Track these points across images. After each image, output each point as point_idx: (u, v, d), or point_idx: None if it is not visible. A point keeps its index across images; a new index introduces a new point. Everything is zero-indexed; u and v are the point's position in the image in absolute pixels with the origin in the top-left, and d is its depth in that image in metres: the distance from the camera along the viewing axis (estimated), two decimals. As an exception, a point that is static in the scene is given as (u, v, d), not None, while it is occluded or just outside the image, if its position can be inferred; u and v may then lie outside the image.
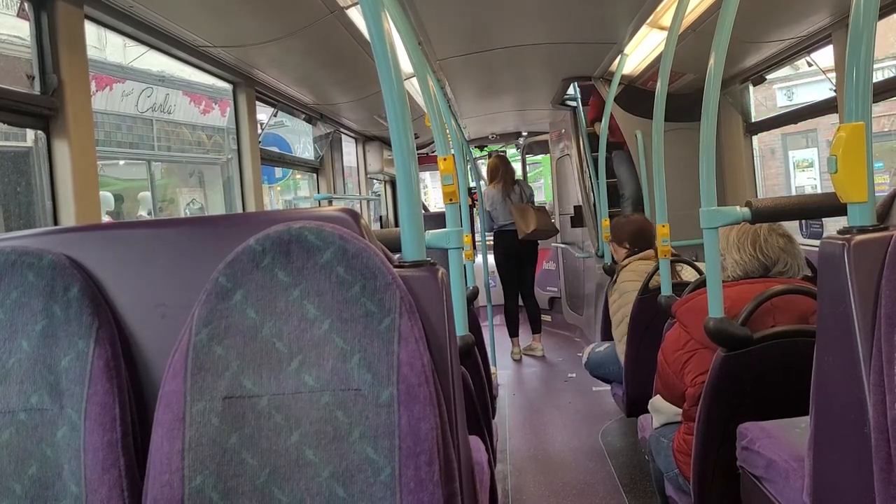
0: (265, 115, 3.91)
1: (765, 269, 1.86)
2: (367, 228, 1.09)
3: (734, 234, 1.90)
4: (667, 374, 1.95)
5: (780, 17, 2.91)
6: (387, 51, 1.10)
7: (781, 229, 1.90)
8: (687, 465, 1.86)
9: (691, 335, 1.86)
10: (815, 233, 3.54)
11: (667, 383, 1.96)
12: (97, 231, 1.19)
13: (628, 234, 3.36)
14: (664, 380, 1.98)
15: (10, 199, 5.62)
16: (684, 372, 1.87)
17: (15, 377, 1.04)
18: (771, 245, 1.85)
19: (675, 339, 1.94)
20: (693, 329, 1.83)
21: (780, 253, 1.85)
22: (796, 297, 1.71)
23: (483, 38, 3.47)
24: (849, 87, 1.06)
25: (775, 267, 1.85)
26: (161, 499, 0.96)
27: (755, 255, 1.85)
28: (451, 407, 1.00)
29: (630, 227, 3.37)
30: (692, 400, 1.85)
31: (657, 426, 2.18)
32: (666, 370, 1.95)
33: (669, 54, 2.25)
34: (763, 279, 1.84)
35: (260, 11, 2.46)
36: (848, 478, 1.06)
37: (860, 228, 1.05)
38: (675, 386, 1.92)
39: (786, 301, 1.72)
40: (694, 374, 1.83)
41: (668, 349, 1.95)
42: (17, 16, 5.88)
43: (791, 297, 1.71)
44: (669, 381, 1.94)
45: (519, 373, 5.20)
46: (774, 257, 1.85)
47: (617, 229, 3.44)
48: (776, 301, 1.71)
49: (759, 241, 1.85)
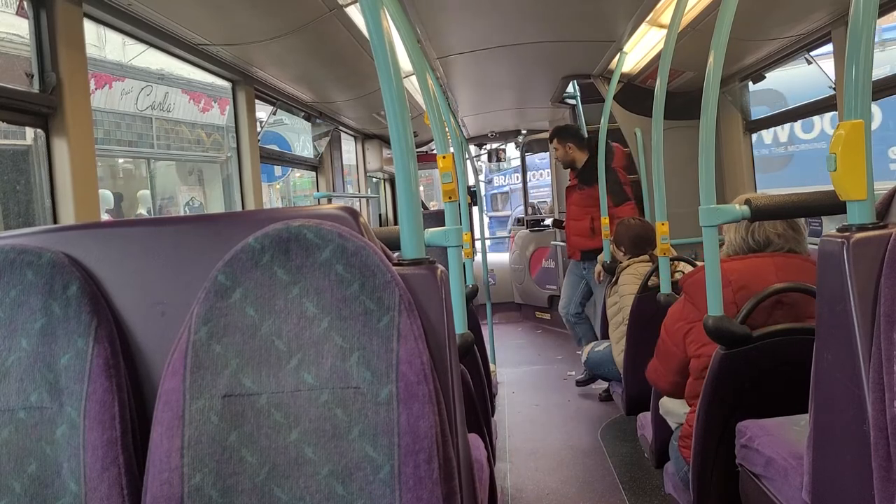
0: (264, 114, 3.91)
1: (755, 252, 1.91)
2: (367, 226, 1.09)
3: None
4: (665, 347, 2.00)
5: (779, 14, 2.91)
6: (386, 49, 1.10)
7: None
8: (689, 451, 1.87)
9: (696, 306, 1.89)
10: (815, 231, 3.54)
11: (665, 355, 2.00)
12: (96, 229, 1.19)
13: (627, 239, 3.40)
14: (662, 353, 2.02)
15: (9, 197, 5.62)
16: (686, 342, 1.91)
17: (14, 375, 1.04)
18: (763, 229, 1.91)
19: (677, 311, 2.00)
20: (699, 301, 1.86)
21: (773, 236, 1.90)
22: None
23: (482, 35, 3.47)
24: (848, 84, 1.06)
25: (767, 248, 1.91)
26: (160, 496, 0.96)
27: (745, 238, 1.92)
28: (450, 405, 1.00)
29: (630, 232, 3.40)
30: (696, 373, 1.87)
31: (673, 428, 2.20)
32: (665, 343, 2.00)
33: (669, 52, 2.25)
34: (771, 254, 1.89)
35: (259, 9, 2.46)
36: (847, 475, 1.06)
37: (859, 226, 1.05)
38: (673, 356, 1.95)
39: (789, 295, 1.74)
40: (697, 344, 1.87)
41: (669, 321, 2.01)
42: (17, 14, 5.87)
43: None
44: (668, 353, 1.98)
45: (518, 371, 5.20)
46: (765, 241, 1.90)
47: (617, 233, 3.48)
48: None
49: (752, 226, 1.91)
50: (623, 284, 3.25)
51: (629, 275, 3.24)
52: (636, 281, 3.07)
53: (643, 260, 3.28)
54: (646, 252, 3.31)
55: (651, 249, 3.27)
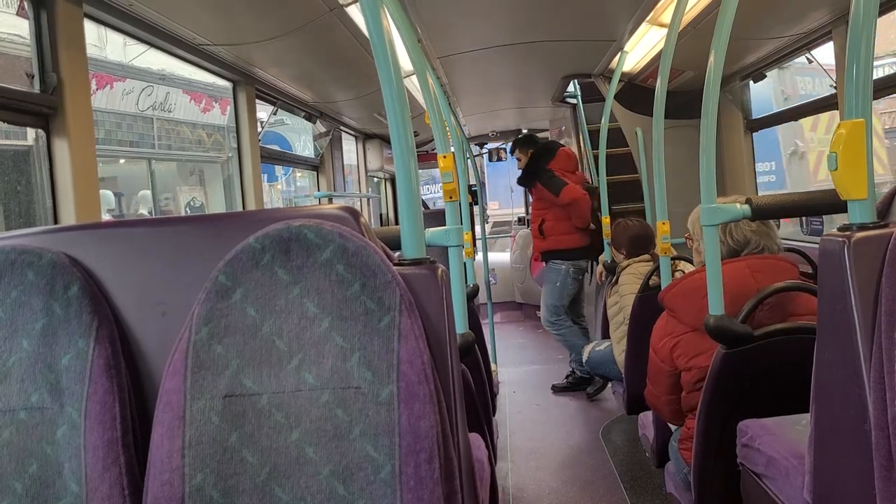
0: (265, 114, 3.91)
1: (734, 253, 1.90)
2: (367, 226, 1.09)
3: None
4: (655, 365, 1.97)
5: (780, 13, 2.90)
6: (386, 48, 1.10)
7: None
8: (689, 454, 1.87)
9: (679, 319, 1.88)
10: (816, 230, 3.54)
11: (656, 375, 1.97)
12: (97, 230, 1.19)
13: (625, 240, 3.40)
14: (652, 374, 2.00)
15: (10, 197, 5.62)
16: (674, 356, 1.89)
17: (15, 376, 1.04)
18: (740, 228, 1.90)
19: (661, 328, 1.97)
20: (681, 313, 1.85)
21: (750, 235, 1.90)
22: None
23: (483, 35, 3.47)
24: (849, 83, 1.06)
25: (747, 247, 1.90)
26: (161, 497, 0.96)
27: (724, 241, 1.91)
28: (451, 404, 1.00)
29: (627, 233, 3.40)
30: (689, 386, 1.86)
31: (673, 429, 2.20)
32: (654, 361, 1.98)
33: (669, 51, 2.25)
34: (743, 257, 1.87)
35: (259, 9, 2.46)
36: (848, 475, 1.06)
37: (860, 225, 1.05)
38: (662, 373, 1.93)
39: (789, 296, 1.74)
40: (686, 356, 1.85)
41: (655, 339, 1.99)
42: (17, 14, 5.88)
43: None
44: (658, 371, 1.95)
45: (519, 370, 5.20)
46: (743, 241, 1.90)
47: (615, 235, 3.48)
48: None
49: (728, 226, 1.90)
50: (624, 284, 3.25)
51: (630, 274, 3.25)
52: (637, 280, 3.07)
53: (644, 259, 3.28)
54: (646, 252, 3.31)
55: (651, 249, 3.28)
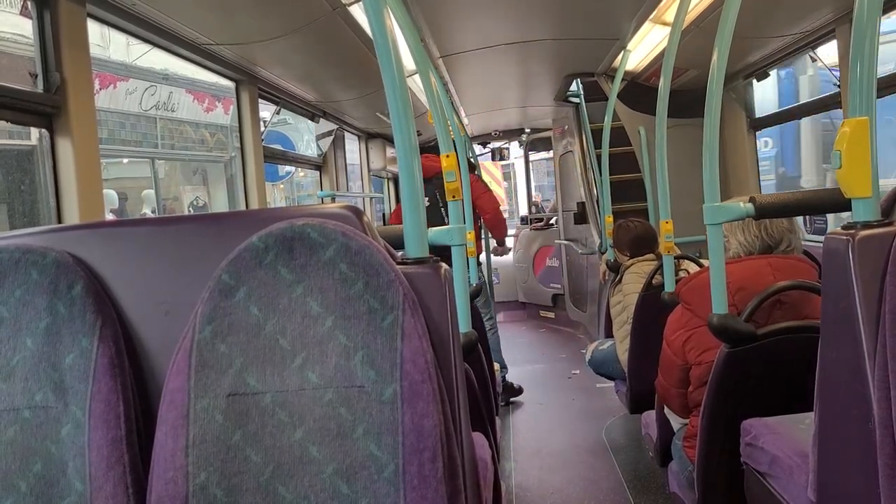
0: (268, 113, 3.91)
1: (768, 249, 1.87)
2: (370, 225, 1.09)
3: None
4: (667, 357, 1.96)
5: (783, 12, 2.90)
6: (389, 48, 1.10)
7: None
8: (693, 452, 1.87)
9: (694, 312, 1.87)
10: (819, 228, 3.53)
11: (667, 367, 1.97)
12: (100, 229, 1.19)
13: (627, 241, 3.39)
14: (664, 365, 1.99)
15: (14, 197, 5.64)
16: (685, 349, 1.88)
17: (19, 375, 1.05)
18: (777, 225, 1.87)
19: (675, 320, 1.97)
20: (696, 306, 1.85)
21: (784, 232, 1.87)
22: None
23: (485, 34, 3.47)
24: (853, 82, 1.06)
25: (779, 246, 1.87)
26: (165, 495, 0.96)
27: (759, 236, 1.87)
28: (454, 403, 1.00)
29: (629, 234, 3.39)
30: (697, 381, 1.86)
31: (676, 429, 2.20)
32: (666, 353, 1.97)
33: (672, 50, 2.25)
34: (765, 255, 1.85)
35: (262, 9, 2.46)
36: (852, 474, 1.06)
37: (864, 224, 1.05)
38: (673, 366, 1.93)
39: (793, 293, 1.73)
40: (697, 350, 1.85)
41: (668, 331, 1.98)
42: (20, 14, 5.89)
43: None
44: (670, 364, 1.95)
45: (522, 369, 5.20)
46: (779, 237, 1.87)
47: (617, 237, 3.47)
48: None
49: (764, 222, 1.86)
50: (627, 283, 3.24)
51: (633, 273, 3.24)
52: (640, 280, 3.07)
53: (647, 258, 3.28)
54: (650, 251, 3.30)
55: (654, 248, 3.27)
